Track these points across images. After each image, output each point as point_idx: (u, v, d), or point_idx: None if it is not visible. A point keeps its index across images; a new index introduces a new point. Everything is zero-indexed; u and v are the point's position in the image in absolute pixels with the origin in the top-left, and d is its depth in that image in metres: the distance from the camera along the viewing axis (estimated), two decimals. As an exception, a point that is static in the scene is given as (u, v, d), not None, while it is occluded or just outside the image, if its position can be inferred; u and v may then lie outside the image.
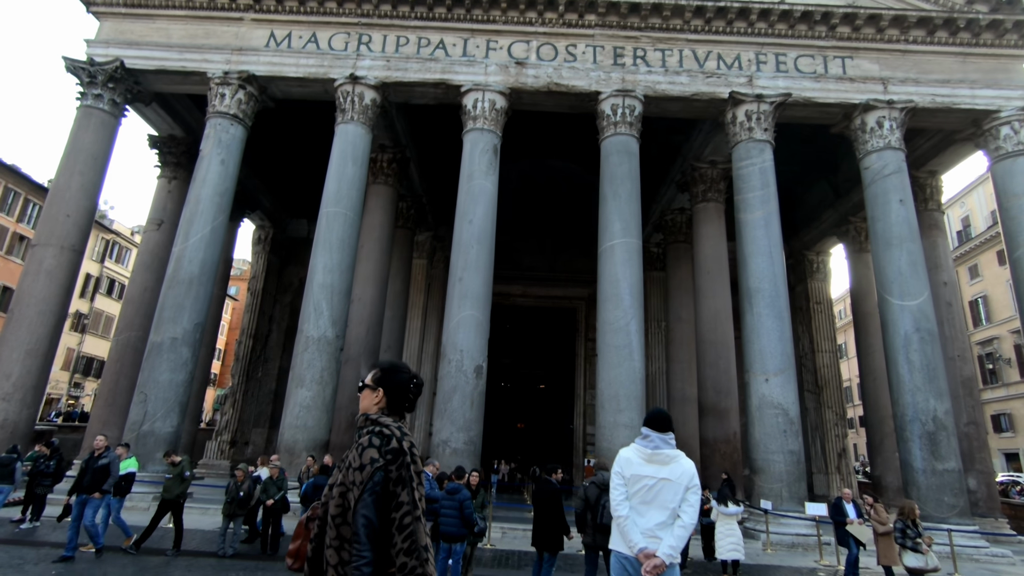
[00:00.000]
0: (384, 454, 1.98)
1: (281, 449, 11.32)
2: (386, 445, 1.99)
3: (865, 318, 18.02)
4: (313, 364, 11.64)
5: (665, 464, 2.85)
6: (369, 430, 2.07)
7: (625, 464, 2.90)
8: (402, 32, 13.91)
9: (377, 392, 2.16)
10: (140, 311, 15.13)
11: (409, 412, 2.26)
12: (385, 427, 2.07)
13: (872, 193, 12.88)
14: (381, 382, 2.18)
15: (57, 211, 12.62)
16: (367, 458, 1.96)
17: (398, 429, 2.07)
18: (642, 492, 2.80)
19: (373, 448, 1.98)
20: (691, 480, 2.84)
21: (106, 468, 7.83)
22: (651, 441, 2.89)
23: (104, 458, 7.92)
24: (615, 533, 2.86)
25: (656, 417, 2.96)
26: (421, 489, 2.04)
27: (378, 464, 1.95)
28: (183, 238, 12.47)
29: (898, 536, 6.79)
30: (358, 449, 2.01)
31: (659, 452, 2.86)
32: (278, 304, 22.43)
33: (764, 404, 11.33)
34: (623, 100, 13.28)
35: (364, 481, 1.92)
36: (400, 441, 2.02)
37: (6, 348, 11.80)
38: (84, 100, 13.41)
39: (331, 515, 1.96)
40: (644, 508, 2.77)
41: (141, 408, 11.39)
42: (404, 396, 2.18)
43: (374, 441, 2.00)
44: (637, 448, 2.94)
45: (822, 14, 13.40)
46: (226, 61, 13.61)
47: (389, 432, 2.05)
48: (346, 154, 13.10)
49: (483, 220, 12.54)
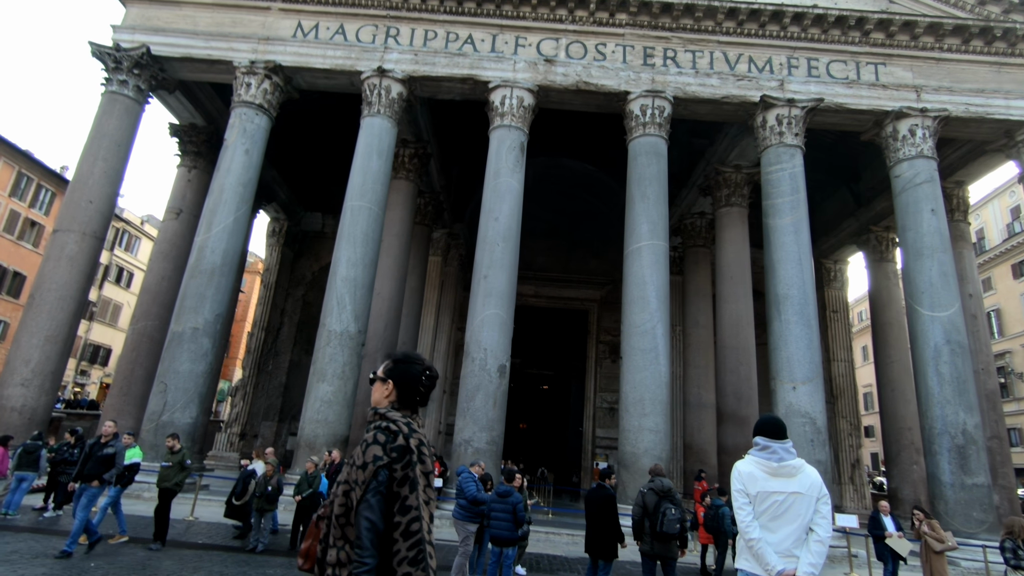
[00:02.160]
0: (389, 452, 1.84)
1: (301, 444, 11.20)
2: (392, 442, 1.86)
3: (884, 328, 17.86)
4: (335, 359, 11.52)
5: (793, 476, 2.70)
6: (376, 425, 1.94)
7: (749, 480, 2.73)
8: (430, 26, 13.78)
9: (387, 384, 2.04)
10: (157, 300, 15.04)
11: (422, 406, 2.12)
12: (392, 422, 1.93)
13: (903, 202, 12.72)
14: (392, 374, 2.05)
15: (79, 197, 12.51)
16: (370, 455, 1.83)
17: (406, 425, 1.93)
18: (772, 509, 2.65)
19: (377, 445, 1.85)
20: (821, 491, 2.69)
21: (111, 458, 7.37)
22: (774, 453, 2.73)
23: (110, 447, 7.48)
24: (745, 555, 2.70)
25: (772, 426, 2.80)
26: (430, 491, 1.92)
27: (381, 463, 1.81)
28: (206, 228, 12.35)
29: (1009, 557, 6.57)
30: (363, 445, 1.89)
31: (785, 464, 2.70)
32: (290, 297, 22.32)
33: (791, 412, 11.18)
34: (652, 101, 13.13)
35: (367, 480, 1.79)
36: (407, 438, 1.89)
37: (25, 334, 11.70)
38: (109, 86, 13.30)
39: (335, 514, 1.84)
40: (775, 525, 2.62)
41: (161, 398, 11.27)
42: (415, 389, 2.04)
43: (379, 437, 1.87)
44: (757, 461, 2.78)
45: (856, 19, 13.25)
46: (253, 50, 13.49)
47: (396, 428, 1.91)
48: (371, 147, 12.97)
49: (509, 218, 12.40)
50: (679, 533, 4.95)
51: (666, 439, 11.19)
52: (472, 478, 5.99)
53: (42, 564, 6.07)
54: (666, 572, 5.12)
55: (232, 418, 20.42)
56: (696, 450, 16.14)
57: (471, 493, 5.76)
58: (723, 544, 7.87)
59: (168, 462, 8.05)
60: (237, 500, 8.57)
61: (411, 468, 1.85)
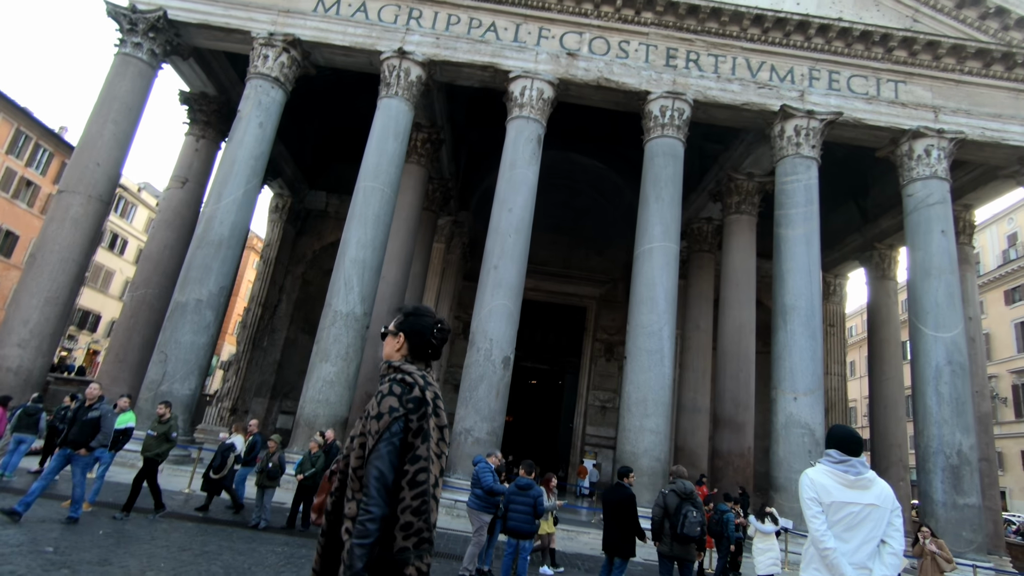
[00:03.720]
0: (405, 403, 1.83)
1: (300, 423, 11.13)
2: (408, 393, 1.86)
3: (881, 345, 18.02)
4: (339, 339, 11.43)
5: (868, 489, 2.69)
6: (391, 378, 1.93)
7: (822, 491, 2.71)
8: (454, 11, 13.62)
9: (399, 337, 2.02)
10: (159, 269, 14.85)
11: (434, 359, 2.11)
12: (408, 374, 1.92)
13: (914, 221, 12.79)
14: (403, 327, 2.04)
15: (87, 159, 12.29)
16: (386, 406, 1.82)
17: (422, 378, 1.92)
18: (847, 520, 2.64)
19: (393, 396, 1.84)
20: (894, 503, 2.69)
21: (95, 422, 6.78)
22: (851, 466, 2.71)
23: (95, 410, 6.90)
24: (815, 565, 2.69)
25: (849, 439, 2.78)
26: (443, 445, 1.91)
27: (397, 413, 1.81)
28: (215, 199, 12.18)
29: None
30: (378, 397, 1.88)
31: (862, 477, 2.69)
32: (289, 275, 22.14)
33: (791, 422, 11.25)
34: (672, 102, 13.08)
35: (381, 430, 1.78)
36: (423, 390, 1.88)
37: (25, 294, 11.51)
38: (123, 48, 13.04)
39: (352, 467, 1.83)
40: (849, 536, 2.61)
41: (160, 368, 11.14)
42: (427, 341, 2.02)
43: (395, 389, 1.86)
44: (830, 471, 2.76)
45: (881, 35, 13.25)
46: (272, 22, 13.27)
47: (412, 380, 1.90)
48: (388, 129, 12.83)
49: (522, 210, 12.34)
50: (699, 536, 4.97)
51: (666, 440, 11.23)
52: (489, 468, 5.95)
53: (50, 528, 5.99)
54: (683, 574, 5.13)
55: (224, 392, 20.26)
56: (688, 453, 16.23)
57: (488, 483, 5.73)
58: (724, 549, 7.93)
59: (154, 431, 7.85)
60: (215, 474, 8.44)
61: (426, 420, 1.84)
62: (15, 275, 28.91)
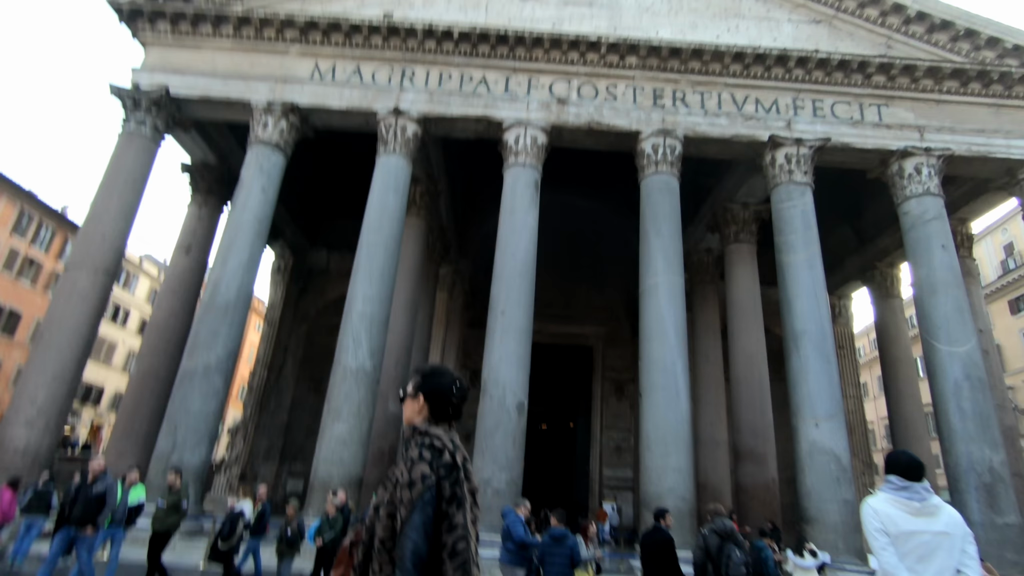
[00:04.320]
0: (436, 469, 1.77)
1: (315, 485, 10.86)
2: (438, 459, 1.80)
3: (894, 364, 17.85)
4: (350, 396, 11.30)
5: (935, 516, 2.61)
6: (418, 442, 1.87)
7: (888, 520, 2.63)
8: (445, 68, 14.12)
9: (418, 399, 1.98)
10: (164, 337, 14.81)
11: (456, 419, 2.06)
12: (436, 438, 1.87)
13: (913, 238, 12.90)
14: (422, 388, 1.99)
15: (93, 233, 12.46)
16: (417, 474, 1.75)
17: (450, 441, 1.87)
18: (918, 550, 2.55)
19: (424, 463, 1.78)
20: (965, 529, 2.60)
21: (101, 497, 6.41)
22: (915, 492, 2.64)
23: (100, 484, 6.55)
24: None
25: (910, 465, 2.72)
26: (476, 511, 1.86)
27: (430, 481, 1.74)
28: (221, 263, 12.29)
29: None
30: (407, 463, 1.81)
31: (928, 504, 2.61)
32: (294, 334, 22.07)
33: (815, 450, 11.01)
34: (664, 140, 13.41)
35: (414, 500, 1.71)
36: (453, 455, 1.83)
37: (33, 371, 11.44)
38: (127, 125, 13.43)
39: (379, 538, 1.75)
40: (921, 567, 2.52)
41: (170, 438, 10.96)
42: (447, 402, 1.98)
43: (425, 454, 1.80)
44: (894, 499, 2.69)
45: (858, 63, 13.71)
46: (270, 91, 13.72)
47: (441, 444, 1.85)
48: (387, 184, 13.09)
49: (525, 254, 12.45)
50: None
51: (690, 478, 10.96)
52: (519, 520, 5.77)
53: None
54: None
55: (232, 459, 19.87)
56: (711, 489, 15.79)
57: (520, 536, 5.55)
58: (764, 588, 7.61)
59: (164, 501, 7.62)
60: (223, 542, 8.14)
61: (459, 486, 1.79)
62: (18, 354, 28.85)
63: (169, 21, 13.91)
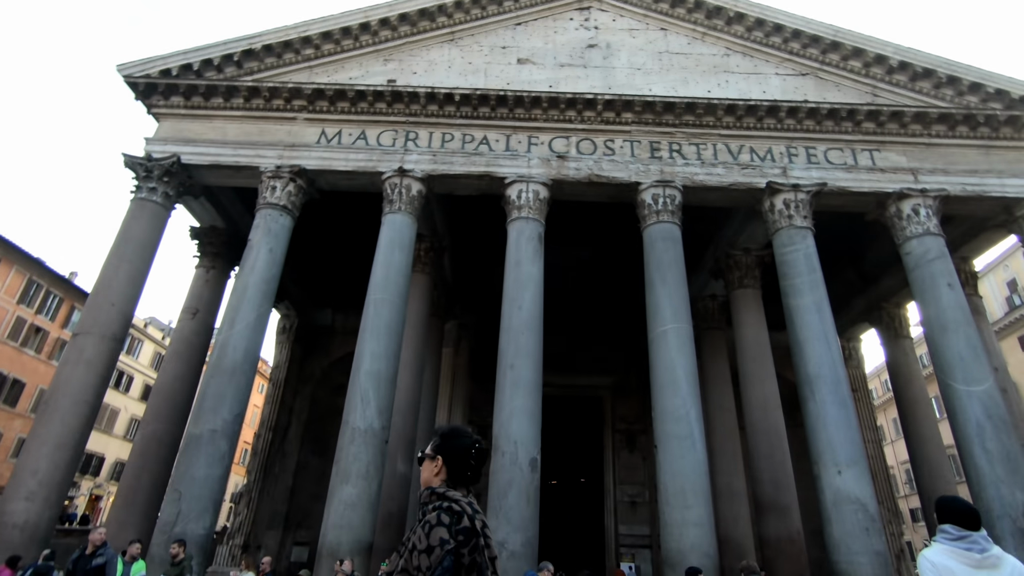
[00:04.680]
0: (455, 534, 1.72)
1: (323, 553, 10.45)
2: (457, 523, 1.75)
3: (911, 406, 17.50)
4: (359, 457, 11.04)
5: (998, 568, 2.48)
6: (436, 506, 1.82)
7: (947, 574, 2.50)
8: (448, 129, 14.59)
9: (436, 461, 1.95)
10: (169, 402, 14.63)
11: (474, 483, 2.02)
12: (454, 502, 1.83)
13: (918, 278, 12.92)
14: (440, 449, 1.97)
15: (102, 300, 12.53)
16: (436, 538, 1.70)
17: (469, 505, 1.83)
18: None
19: (442, 527, 1.73)
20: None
21: (100, 570, 6.29)
22: (975, 543, 2.52)
23: (100, 556, 6.43)
24: None
25: (966, 512, 2.60)
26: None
27: (449, 546, 1.69)
28: (228, 325, 12.29)
29: None
30: (424, 528, 1.75)
31: (989, 555, 2.49)
32: (299, 395, 21.83)
33: (840, 499, 10.63)
34: (663, 190, 13.68)
35: (433, 567, 1.66)
36: (472, 519, 1.79)
37: (35, 442, 11.23)
38: (138, 193, 13.76)
39: None
40: None
41: (174, 507, 10.63)
42: (466, 464, 1.95)
43: (443, 519, 1.75)
44: (952, 551, 2.55)
45: (847, 111, 14.17)
46: (278, 156, 14.14)
47: (459, 508, 1.80)
48: (393, 242, 13.26)
49: (532, 306, 12.46)
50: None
51: (711, 533, 10.52)
52: (543, 584, 5.52)
53: None
54: None
55: (235, 528, 19.21)
56: (734, 545, 15.13)
57: (543, 601, 5.29)
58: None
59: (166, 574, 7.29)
60: None
61: (479, 553, 1.74)
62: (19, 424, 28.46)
63: (182, 95, 14.51)
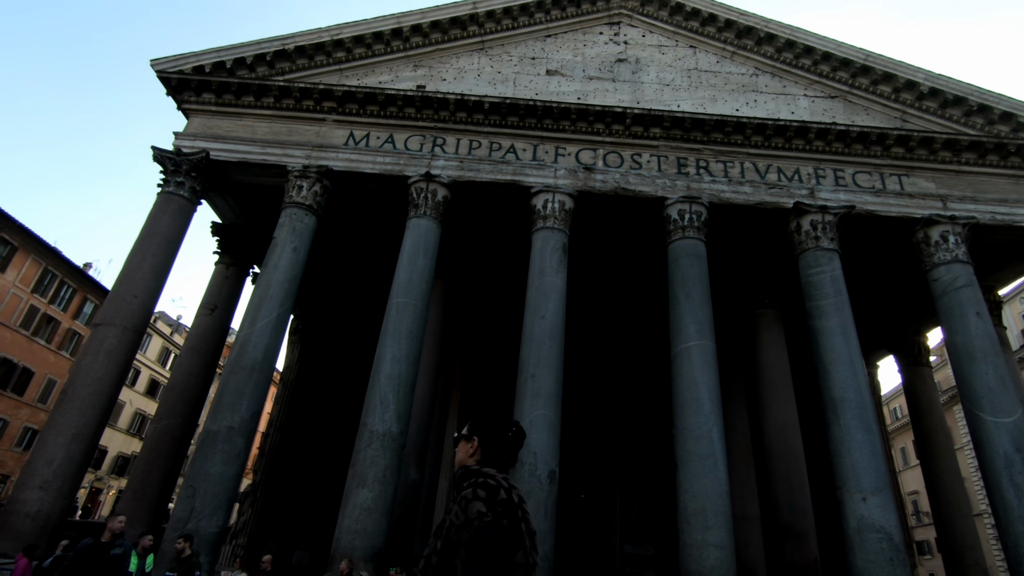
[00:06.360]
0: (493, 507, 1.68)
1: (336, 557, 10.29)
2: (494, 496, 1.71)
3: (929, 436, 17.25)
4: (376, 462, 10.91)
5: None
6: (471, 482, 1.79)
7: None
8: (475, 137, 14.62)
9: (472, 442, 1.93)
10: (183, 397, 14.56)
11: (510, 465, 1.98)
12: (490, 477, 1.79)
13: (945, 305, 12.78)
14: (477, 430, 1.95)
15: (125, 291, 12.52)
16: (473, 511, 1.66)
17: (504, 480, 1.79)
18: None
19: (479, 501, 1.69)
20: None
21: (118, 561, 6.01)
22: None
23: (118, 547, 6.19)
24: None
25: None
26: (535, 555, 1.72)
27: (487, 519, 1.64)
28: (249, 323, 12.24)
29: None
30: (461, 503, 1.72)
31: None
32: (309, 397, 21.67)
33: (864, 527, 10.42)
34: (690, 206, 13.63)
35: (471, 540, 1.61)
36: (509, 492, 1.74)
37: (52, 431, 11.17)
38: (166, 187, 13.81)
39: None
40: None
41: (188, 504, 10.51)
42: (502, 444, 1.93)
43: (479, 493, 1.72)
44: None
45: (877, 135, 14.11)
46: (306, 156, 14.18)
47: (495, 483, 1.76)
48: (418, 247, 13.23)
49: (555, 316, 12.37)
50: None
51: (732, 556, 10.34)
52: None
53: None
54: None
55: (239, 527, 19.02)
56: (746, 569, 14.85)
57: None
58: None
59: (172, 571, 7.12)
60: None
61: (517, 524, 1.69)
62: (26, 413, 28.45)
63: (214, 92, 14.61)
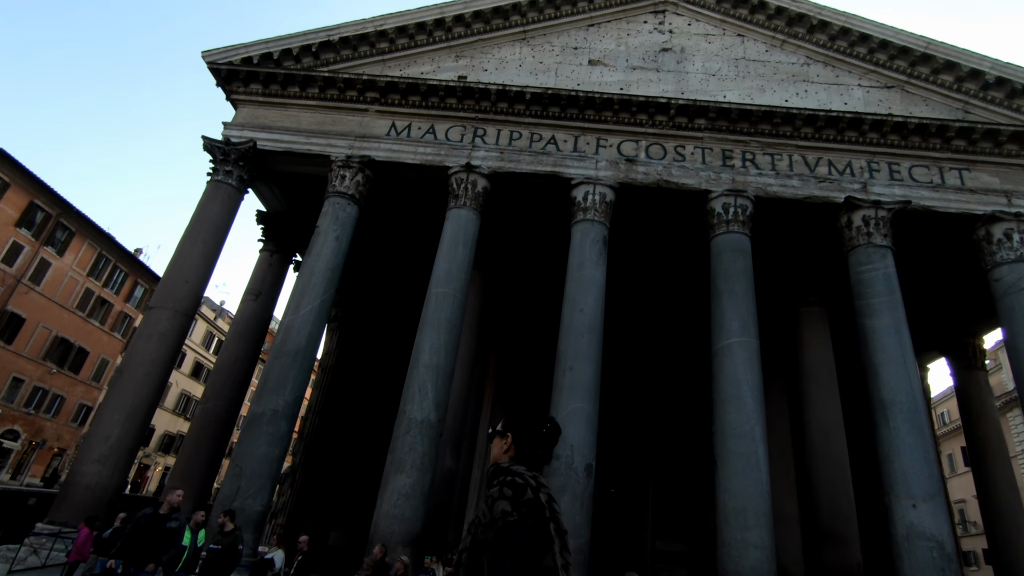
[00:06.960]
0: (519, 506, 1.65)
1: (374, 541, 10.49)
2: (520, 496, 1.67)
3: (982, 443, 16.54)
4: (415, 448, 11.06)
5: None
6: (500, 480, 1.76)
7: None
8: (516, 127, 14.55)
9: (506, 438, 1.89)
10: (229, 380, 15.04)
11: (545, 462, 1.94)
12: (517, 476, 1.74)
13: (1007, 306, 12.16)
14: (511, 427, 1.90)
15: (177, 276, 12.97)
16: (498, 511, 1.64)
17: (533, 479, 1.74)
18: None
19: (504, 500, 1.66)
20: None
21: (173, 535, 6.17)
22: None
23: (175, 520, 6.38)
24: None
25: None
26: (567, 555, 1.66)
27: (512, 518, 1.62)
28: (293, 310, 12.53)
29: None
30: (487, 502, 1.69)
31: None
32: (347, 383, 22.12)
33: (913, 535, 10.06)
34: (735, 200, 13.29)
35: (497, 540, 1.59)
36: (536, 492, 1.69)
37: (108, 409, 11.69)
38: (215, 175, 14.20)
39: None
40: None
41: (235, 483, 10.88)
42: (535, 441, 1.88)
43: (505, 492, 1.69)
44: None
45: (937, 127, 13.47)
46: (349, 146, 14.38)
47: (522, 481, 1.72)
48: (457, 237, 13.29)
49: (594, 309, 12.27)
50: None
51: (772, 557, 10.13)
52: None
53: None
54: None
55: (278, 507, 19.62)
56: (784, 572, 14.53)
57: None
58: None
59: (217, 544, 7.36)
60: None
61: (544, 525, 1.66)
62: (81, 391, 29.85)
63: (261, 82, 14.92)
